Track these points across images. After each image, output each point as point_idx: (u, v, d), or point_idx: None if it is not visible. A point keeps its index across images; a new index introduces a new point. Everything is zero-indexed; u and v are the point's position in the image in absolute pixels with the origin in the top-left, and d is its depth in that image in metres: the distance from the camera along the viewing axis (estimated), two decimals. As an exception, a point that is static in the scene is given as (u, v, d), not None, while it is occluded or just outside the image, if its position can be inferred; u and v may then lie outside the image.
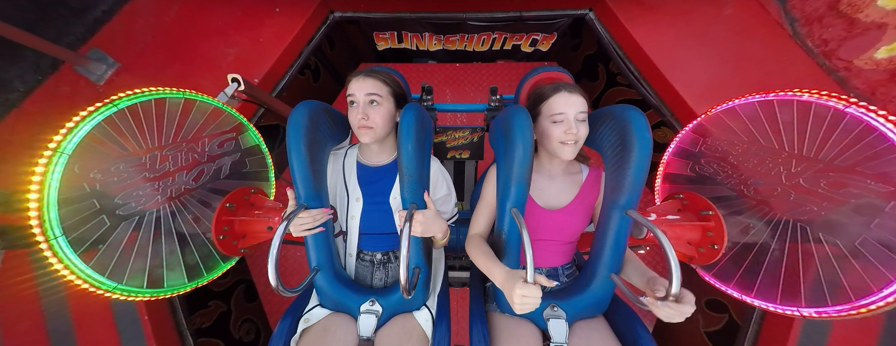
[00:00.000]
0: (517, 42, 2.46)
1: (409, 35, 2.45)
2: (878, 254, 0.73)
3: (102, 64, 1.63)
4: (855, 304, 0.75)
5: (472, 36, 2.39)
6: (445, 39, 2.46)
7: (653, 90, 1.75)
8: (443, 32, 2.37)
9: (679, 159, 1.21)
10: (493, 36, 2.41)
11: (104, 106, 0.82)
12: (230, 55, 1.75)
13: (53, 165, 0.73)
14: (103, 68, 1.64)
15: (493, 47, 2.54)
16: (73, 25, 1.66)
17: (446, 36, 2.42)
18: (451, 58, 2.71)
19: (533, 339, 0.93)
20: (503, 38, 2.43)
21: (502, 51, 2.59)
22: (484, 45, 2.50)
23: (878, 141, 0.75)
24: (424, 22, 2.19)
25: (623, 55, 1.86)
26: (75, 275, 0.75)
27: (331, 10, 1.99)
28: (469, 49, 2.55)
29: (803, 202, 0.86)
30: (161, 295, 0.91)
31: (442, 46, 2.53)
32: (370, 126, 0.95)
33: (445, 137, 1.57)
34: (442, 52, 2.63)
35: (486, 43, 2.47)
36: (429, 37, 2.44)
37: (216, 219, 1.01)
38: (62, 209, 0.73)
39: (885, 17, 1.36)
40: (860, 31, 1.43)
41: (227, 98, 1.37)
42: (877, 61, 1.40)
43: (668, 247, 0.71)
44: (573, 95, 0.92)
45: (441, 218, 0.97)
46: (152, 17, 1.79)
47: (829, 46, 1.50)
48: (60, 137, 0.75)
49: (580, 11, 1.99)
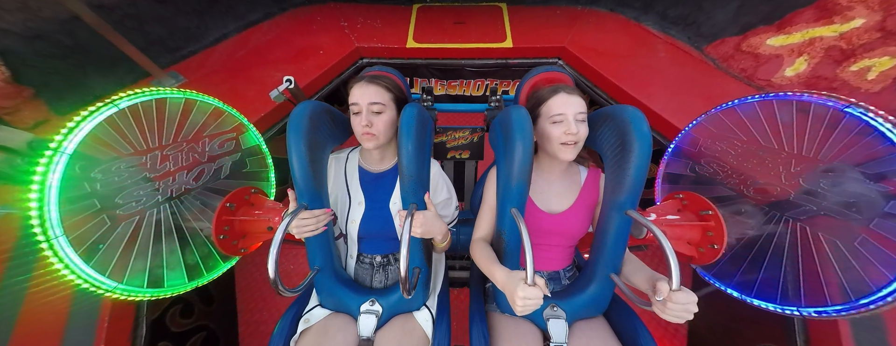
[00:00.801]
0: (505, 88, 2.89)
1: (419, 81, 2.92)
2: (877, 254, 0.74)
3: (173, 80, 2.00)
4: (855, 304, 0.75)
5: (469, 82, 2.86)
6: (448, 84, 2.93)
7: None
8: (446, 78, 2.85)
9: (679, 159, 1.21)
10: (486, 82, 2.85)
11: (104, 106, 0.82)
12: (276, 77, 2.13)
13: (54, 164, 0.73)
14: (172, 82, 1.99)
15: (486, 93, 2.93)
16: (163, 57, 2.11)
17: (449, 81, 2.89)
18: (453, 102, 3.10)
19: (533, 339, 0.93)
20: (494, 84, 2.91)
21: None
22: (479, 90, 2.95)
23: (877, 141, 0.75)
24: (432, 68, 2.70)
25: (593, 86, 2.29)
26: (75, 275, 0.75)
27: (361, 56, 2.58)
28: (467, 93, 3.03)
29: (803, 202, 0.86)
30: (161, 295, 0.91)
31: (445, 91, 3.00)
32: (373, 133, 0.95)
33: (445, 137, 1.57)
34: (445, 97, 3.09)
35: (480, 88, 2.93)
36: (435, 82, 2.89)
37: (216, 219, 1.01)
38: (62, 209, 0.73)
39: (776, 50, 1.92)
40: (765, 60, 1.95)
41: (278, 93, 1.56)
42: (788, 78, 1.86)
43: (667, 247, 0.71)
44: (572, 96, 0.92)
45: (441, 220, 0.97)
46: (225, 54, 2.31)
47: (747, 73, 2.00)
48: (61, 136, 0.75)
49: (552, 59, 2.53)
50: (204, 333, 1.71)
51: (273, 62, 2.25)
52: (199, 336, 1.66)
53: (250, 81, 2.07)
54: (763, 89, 1.82)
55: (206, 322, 1.75)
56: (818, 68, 1.77)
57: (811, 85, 1.77)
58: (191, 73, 2.08)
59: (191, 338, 1.60)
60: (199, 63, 2.20)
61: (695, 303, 0.70)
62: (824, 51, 1.76)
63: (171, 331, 1.46)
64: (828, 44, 1.75)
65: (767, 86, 1.90)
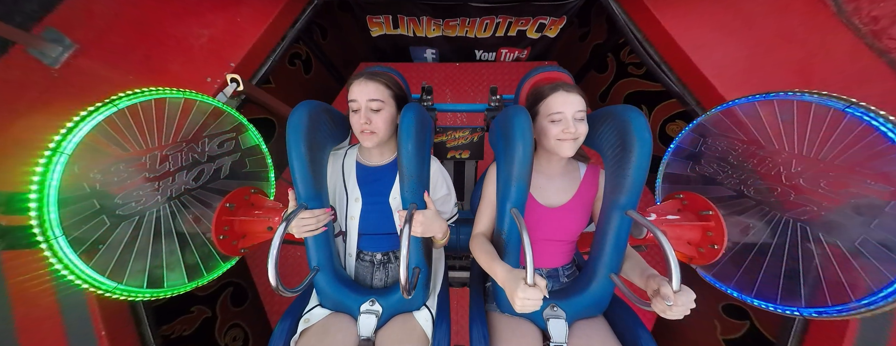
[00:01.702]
0: (523, 27, 2.25)
1: (405, 19, 2.23)
2: (878, 254, 0.74)
3: (58, 45, 1.40)
4: (855, 304, 0.75)
5: (474, 20, 2.20)
6: (445, 24, 2.24)
7: (675, 76, 1.60)
8: (442, 16, 2.17)
9: (679, 159, 1.21)
10: (497, 20, 2.19)
11: (104, 106, 0.82)
12: (203, 36, 1.56)
13: (53, 165, 0.73)
14: (59, 50, 1.40)
15: (496, 33, 2.33)
16: (24, 1, 1.38)
17: (446, 20, 2.21)
18: (450, 45, 2.48)
19: (533, 339, 0.93)
20: (508, 22, 2.23)
21: (506, 37, 2.37)
22: (486, 31, 2.29)
23: (878, 141, 0.75)
24: (422, 3, 2.05)
25: (642, 38, 1.69)
26: (75, 275, 0.75)
27: None
28: (470, 35, 2.34)
29: (803, 202, 0.86)
30: (161, 295, 0.91)
31: (441, 33, 2.32)
32: (373, 131, 0.95)
33: (445, 137, 1.57)
34: (441, 39, 2.41)
35: (488, 28, 2.25)
36: (426, 21, 2.23)
37: (216, 219, 1.01)
38: (62, 209, 0.73)
39: None
40: None
41: (227, 99, 1.39)
42: None
43: (667, 247, 0.71)
44: (571, 95, 0.92)
45: (441, 218, 0.97)
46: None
47: (879, 25, 1.31)
48: (60, 137, 0.75)
49: None
50: (231, 289, 1.87)
51: (190, 12, 1.57)
52: (226, 293, 1.81)
53: (168, 45, 1.50)
54: (887, 54, 1.26)
55: (231, 279, 1.88)
56: None
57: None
58: (76, 31, 1.42)
59: (219, 296, 1.74)
60: (83, 11, 1.45)
61: (693, 300, 0.71)
62: None
63: (197, 295, 1.57)
64: None
65: (893, 50, 1.29)
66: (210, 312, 1.77)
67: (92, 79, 1.37)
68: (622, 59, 2.28)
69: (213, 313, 1.78)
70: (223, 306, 1.86)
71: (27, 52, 1.37)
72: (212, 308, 1.79)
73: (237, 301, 2.00)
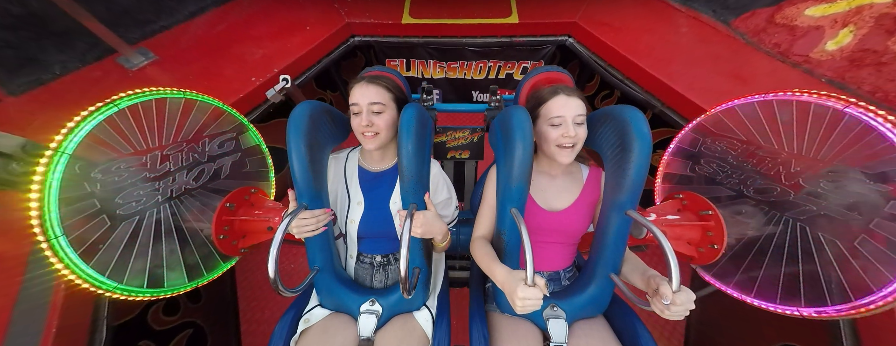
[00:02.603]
0: (510, 70, 2.70)
1: (416, 63, 2.72)
2: (877, 254, 0.73)
3: (142, 57, 1.80)
4: (855, 304, 0.75)
5: (471, 63, 2.68)
6: (447, 67, 2.73)
7: (638, 86, 1.91)
8: (445, 59, 2.65)
9: (679, 159, 1.21)
10: (489, 64, 2.67)
11: (105, 106, 0.82)
12: (257, 54, 1.94)
13: (54, 164, 0.73)
14: (141, 59, 1.79)
15: (488, 76, 2.80)
16: (131, 31, 1.89)
17: (448, 63, 2.69)
18: (451, 86, 2.94)
19: (533, 339, 0.93)
20: (498, 66, 2.71)
21: (497, 79, 2.83)
22: (481, 73, 2.76)
23: (878, 141, 0.75)
24: (430, 48, 2.52)
25: (606, 65, 2.08)
26: (76, 275, 0.75)
27: (352, 33, 2.40)
28: (468, 77, 2.81)
29: (803, 202, 0.86)
30: (161, 295, 0.91)
31: (444, 75, 2.80)
32: (376, 132, 0.96)
33: (445, 137, 1.57)
34: (444, 81, 2.88)
35: (482, 71, 2.74)
36: (433, 64, 2.70)
37: (216, 219, 1.01)
38: (63, 209, 0.73)
39: (816, 21, 1.66)
40: (802, 33, 1.69)
41: (274, 92, 1.72)
42: (830, 53, 1.59)
43: (667, 247, 0.71)
44: (571, 98, 0.92)
45: (441, 220, 0.97)
46: (202, 29, 2.10)
47: (782, 48, 1.73)
48: (61, 136, 0.75)
49: (560, 37, 2.34)
50: (190, 330, 1.59)
51: (254, 39, 2.08)
52: (184, 334, 1.53)
53: (228, 59, 1.89)
54: (799, 66, 1.64)
55: (194, 319, 1.63)
56: (866, 40, 1.50)
57: (856, 60, 1.52)
58: (162, 50, 1.88)
59: (176, 336, 1.48)
60: (172, 39, 1.99)
61: (693, 301, 0.71)
62: (875, 20, 1.48)
63: (152, 329, 1.34)
64: (879, 12, 1.47)
65: (805, 62, 1.65)
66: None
67: (154, 78, 1.73)
68: (596, 105, 2.63)
69: None
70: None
71: (116, 60, 1.77)
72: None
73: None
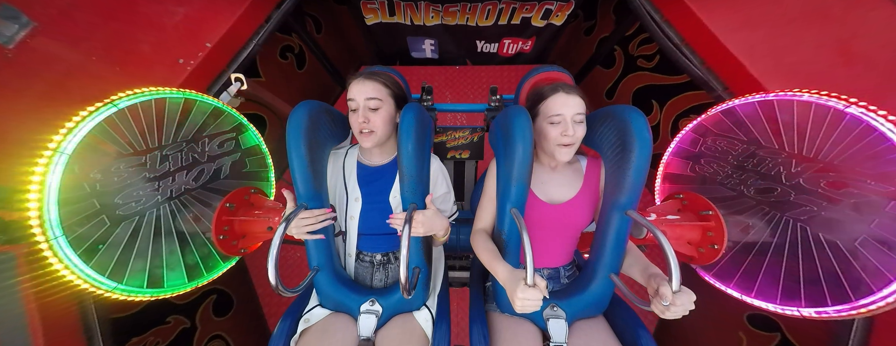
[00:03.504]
0: (527, 14, 2.10)
1: (402, 5, 2.10)
2: (878, 254, 0.73)
3: (14, 23, 1.23)
4: (855, 304, 0.75)
5: (476, 5, 2.07)
6: (444, 10, 2.12)
7: (699, 59, 1.45)
8: (441, 1, 2.06)
9: (679, 159, 1.21)
10: (500, 6, 2.05)
11: (104, 106, 0.82)
12: (177, 14, 1.44)
13: (53, 165, 0.73)
14: (14, 28, 1.23)
15: (498, 21, 2.19)
16: None
17: (445, 5, 2.08)
18: (450, 35, 2.36)
19: (533, 339, 0.93)
20: (511, 8, 2.10)
21: (509, 26, 2.24)
22: (488, 19, 2.14)
23: (878, 141, 0.75)
24: None
25: (660, 20, 1.55)
26: (75, 275, 0.75)
27: None
28: (471, 23, 2.19)
29: (803, 202, 0.86)
30: (161, 295, 0.91)
31: (440, 20, 2.19)
32: (372, 130, 0.96)
33: (445, 137, 1.57)
34: (440, 29, 2.27)
35: (491, 15, 2.11)
36: (424, 7, 2.09)
37: (216, 219, 1.01)
38: (62, 209, 0.73)
39: None
40: None
41: (230, 97, 1.34)
42: None
43: (667, 247, 0.71)
44: (571, 96, 0.92)
45: (442, 216, 0.98)
46: None
47: None
48: (60, 137, 0.75)
49: None
50: (214, 296, 1.68)
51: None
52: (208, 302, 1.62)
53: (137, 23, 1.36)
54: None
55: (215, 285, 1.67)
56: None
57: None
58: (38, 9, 1.27)
59: (199, 305, 1.56)
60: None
61: (693, 301, 0.71)
62: None
63: (174, 304, 1.42)
64: None
65: None
66: (189, 322, 1.57)
67: (49, 60, 1.21)
68: (631, 51, 2.16)
69: (192, 323, 1.59)
70: (204, 316, 1.65)
71: None
72: (191, 318, 1.59)
73: (220, 311, 1.78)
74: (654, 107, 2.07)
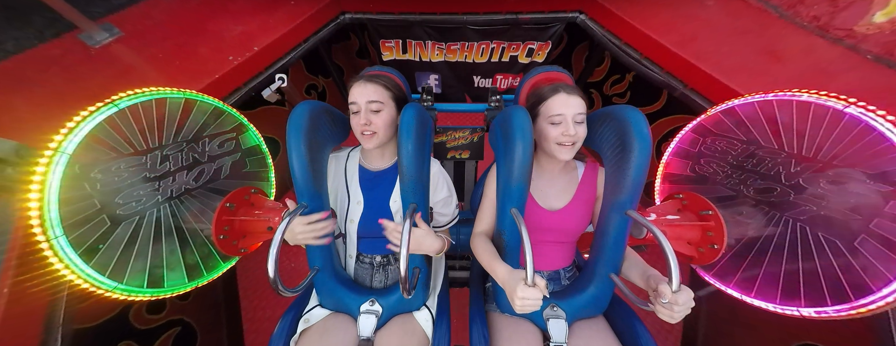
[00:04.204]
0: (514, 53, 2.53)
1: (412, 43, 2.52)
2: (878, 254, 0.74)
3: (105, 32, 1.61)
4: (855, 304, 0.75)
5: (472, 45, 2.49)
6: (447, 48, 2.53)
7: (658, 67, 1.76)
8: (445, 39, 2.47)
9: (679, 159, 1.21)
10: (492, 45, 2.48)
11: (105, 106, 0.82)
12: (235, 31, 1.78)
13: (54, 164, 0.73)
14: (105, 36, 1.60)
15: (491, 59, 2.62)
16: (95, 5, 1.72)
17: (448, 44, 2.50)
18: (451, 71, 2.75)
19: (533, 339, 0.93)
20: (501, 48, 2.54)
21: (501, 63, 2.67)
22: (483, 56, 2.57)
23: (877, 141, 0.75)
24: (428, 27, 2.35)
25: (620, 43, 1.91)
26: (76, 275, 0.75)
27: (342, 10, 2.18)
28: (469, 60, 2.62)
29: (803, 202, 0.86)
30: (161, 295, 0.91)
31: (444, 57, 2.60)
32: (373, 132, 0.96)
33: (445, 137, 1.57)
34: (443, 65, 2.68)
35: (484, 53, 2.55)
36: (431, 46, 2.51)
37: (216, 219, 1.01)
38: (63, 209, 0.73)
39: None
40: (846, 4, 1.48)
41: (271, 92, 1.60)
42: (878, 25, 1.39)
43: (667, 247, 0.71)
44: (571, 97, 0.92)
45: (434, 236, 0.94)
46: (173, 3, 1.90)
47: (821, 21, 1.53)
48: (61, 136, 0.75)
49: (571, 14, 2.16)
50: (178, 328, 1.50)
51: (232, 14, 1.90)
52: (171, 333, 1.44)
53: (203, 36, 1.73)
54: (841, 41, 1.45)
55: (183, 316, 1.52)
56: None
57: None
58: (129, 25, 1.71)
59: (159, 335, 1.39)
60: (140, 14, 1.82)
61: (692, 301, 0.71)
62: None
63: (134, 328, 1.26)
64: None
65: (848, 36, 1.45)
66: None
67: (120, 57, 1.56)
68: (605, 92, 2.50)
69: None
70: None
71: (78, 37, 1.58)
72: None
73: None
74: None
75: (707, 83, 1.50)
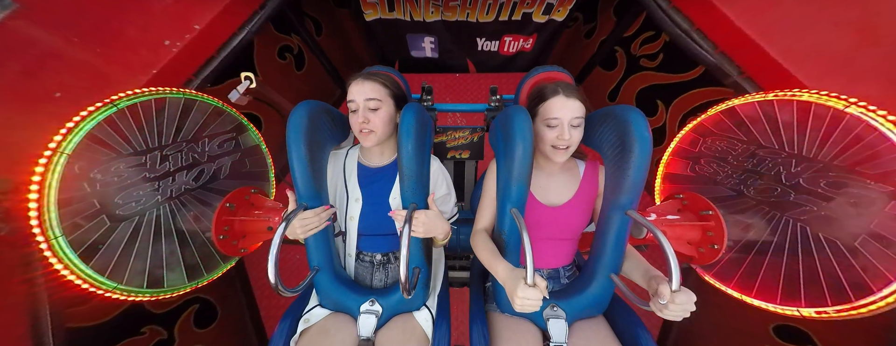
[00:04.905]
0: (528, 9, 2.06)
1: (400, 2, 2.09)
2: (878, 254, 0.73)
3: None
4: (855, 304, 0.75)
5: (476, 0, 2.05)
6: (444, 5, 2.07)
7: (712, 45, 1.41)
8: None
9: (679, 159, 1.21)
10: (501, 0, 2.02)
11: (104, 106, 0.82)
12: (163, 1, 1.39)
13: (54, 165, 0.73)
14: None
15: (499, 17, 2.15)
16: None
17: (445, 0, 2.06)
18: (450, 32, 2.32)
19: (533, 339, 0.93)
20: (512, 3, 2.08)
21: (510, 22, 2.23)
22: (489, 14, 2.11)
23: (878, 141, 0.75)
24: None
25: (667, 6, 1.50)
26: (76, 275, 0.75)
27: None
28: (471, 19, 2.16)
29: (803, 202, 0.86)
30: (161, 295, 0.91)
31: (440, 16, 2.15)
32: (372, 130, 0.96)
33: (445, 137, 1.57)
34: (440, 25, 2.24)
35: (491, 11, 2.08)
36: (424, 2, 2.07)
37: (216, 219, 1.01)
38: (62, 209, 0.73)
39: None
40: None
41: (239, 95, 1.33)
42: None
43: (667, 247, 0.71)
44: (570, 100, 0.92)
45: (443, 218, 0.97)
46: None
47: None
48: (60, 137, 0.75)
49: None
50: (197, 306, 1.53)
51: None
52: (190, 311, 1.47)
53: (124, 9, 1.32)
54: None
55: (199, 294, 1.54)
56: None
57: None
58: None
59: (179, 315, 1.42)
60: None
61: (693, 302, 0.71)
62: None
63: (151, 313, 1.29)
64: None
65: None
66: (166, 333, 1.43)
67: (28, 42, 1.15)
68: (633, 52, 2.13)
69: (169, 335, 1.45)
70: (183, 327, 1.50)
71: None
72: (169, 330, 1.45)
73: (202, 322, 1.60)
74: (659, 107, 2.04)
75: (770, 70, 1.16)
